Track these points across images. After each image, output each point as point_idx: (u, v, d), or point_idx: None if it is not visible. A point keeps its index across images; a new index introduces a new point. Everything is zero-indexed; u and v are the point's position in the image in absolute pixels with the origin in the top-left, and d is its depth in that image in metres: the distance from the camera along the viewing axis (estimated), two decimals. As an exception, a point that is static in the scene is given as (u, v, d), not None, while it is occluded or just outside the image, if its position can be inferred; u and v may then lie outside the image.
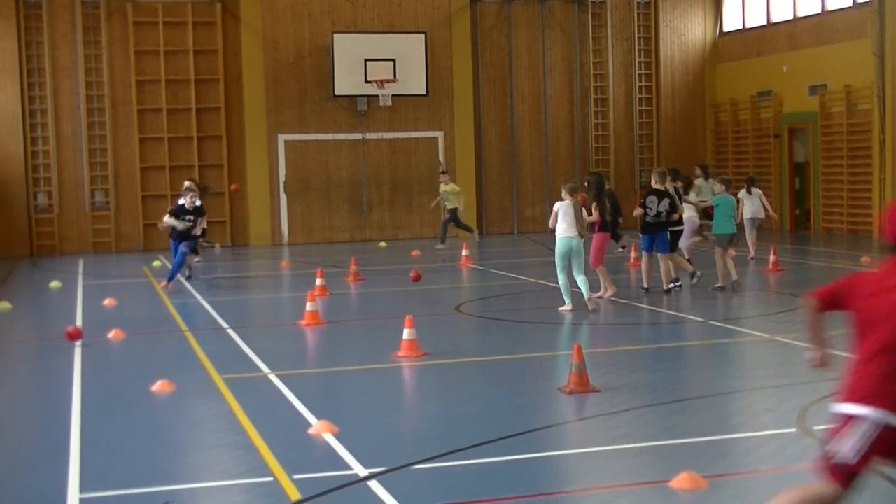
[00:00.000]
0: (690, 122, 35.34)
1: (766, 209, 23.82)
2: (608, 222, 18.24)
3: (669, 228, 18.44)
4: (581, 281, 16.85)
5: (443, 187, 29.54)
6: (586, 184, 18.70)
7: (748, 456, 9.04)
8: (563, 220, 16.53)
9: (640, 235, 18.74)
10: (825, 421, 9.80)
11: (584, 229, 16.64)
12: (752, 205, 23.64)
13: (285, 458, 8.97)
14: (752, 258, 23.21)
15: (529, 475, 8.60)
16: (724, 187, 19.20)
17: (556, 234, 16.70)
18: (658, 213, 18.21)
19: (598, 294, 17.86)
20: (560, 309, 16.82)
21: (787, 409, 10.29)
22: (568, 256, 16.71)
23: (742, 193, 23.45)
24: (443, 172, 30.23)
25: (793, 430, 9.53)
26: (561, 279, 16.94)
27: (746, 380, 12.08)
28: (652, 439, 9.45)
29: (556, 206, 16.69)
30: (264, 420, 10.35)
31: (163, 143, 31.17)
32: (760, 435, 9.52)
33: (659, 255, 18.48)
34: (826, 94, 30.32)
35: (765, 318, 15.95)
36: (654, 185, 18.52)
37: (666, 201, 18.17)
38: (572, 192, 16.70)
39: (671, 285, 18.37)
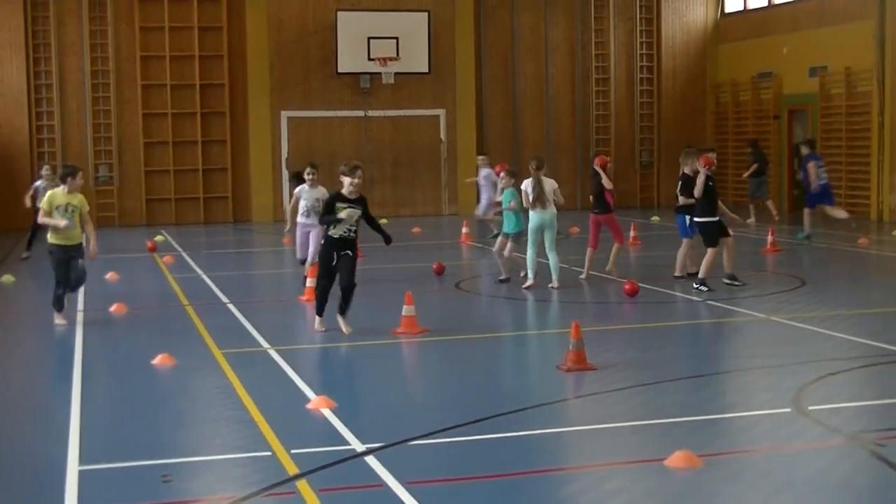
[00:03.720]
0: (691, 102, 35.21)
1: None
2: (597, 203, 18.01)
3: (689, 214, 17.63)
4: (552, 260, 17.02)
5: None
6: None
7: (743, 435, 9.01)
8: (532, 196, 16.89)
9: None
10: (821, 401, 9.82)
11: (548, 203, 16.89)
12: None
13: (284, 432, 8.95)
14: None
15: (526, 452, 8.57)
16: (512, 180, 17.66)
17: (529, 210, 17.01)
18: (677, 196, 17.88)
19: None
20: (523, 286, 16.95)
21: (783, 389, 10.25)
22: (540, 231, 16.94)
23: None
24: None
25: (788, 409, 9.50)
26: (530, 253, 17.06)
27: (743, 359, 12.05)
28: (648, 417, 9.42)
29: (524, 184, 17.05)
30: (263, 394, 10.33)
31: (167, 118, 31.09)
32: (756, 414, 9.49)
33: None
34: (826, 76, 30.19)
35: (761, 298, 15.89)
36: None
37: (679, 184, 17.84)
38: (538, 168, 16.99)
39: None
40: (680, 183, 17.63)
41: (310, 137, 31.80)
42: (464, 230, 24.77)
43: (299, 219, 17.35)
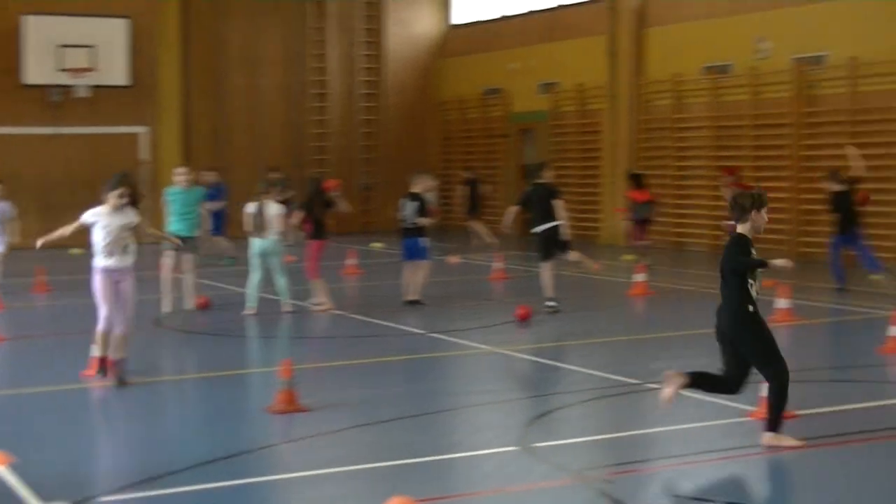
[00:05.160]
0: (417, 120, 35.75)
1: None
2: (323, 229, 18.35)
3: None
4: (280, 285, 17.69)
5: None
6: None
7: (466, 476, 9.13)
8: (253, 221, 17.50)
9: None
10: (547, 437, 10.06)
11: (270, 230, 17.46)
12: None
13: (-52, 494, 8.55)
14: None
15: (232, 503, 8.46)
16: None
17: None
18: (404, 219, 18.39)
19: (316, 303, 18.03)
20: (243, 312, 17.56)
21: (509, 426, 10.45)
22: (262, 257, 17.57)
23: None
24: None
25: (513, 448, 9.68)
26: (252, 280, 17.69)
27: (465, 395, 12.22)
28: (364, 461, 9.43)
29: (247, 206, 17.66)
30: (-74, 451, 9.84)
31: None
32: (480, 454, 9.63)
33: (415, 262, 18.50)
34: (557, 93, 31.18)
35: (488, 330, 16.21)
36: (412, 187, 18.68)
37: (414, 205, 18.27)
38: (266, 192, 17.74)
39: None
40: (416, 204, 18.20)
41: (-9, 156, 30.67)
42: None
43: (101, 261, 12.87)
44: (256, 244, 17.50)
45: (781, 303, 16.28)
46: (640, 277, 19.64)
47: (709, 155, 26.64)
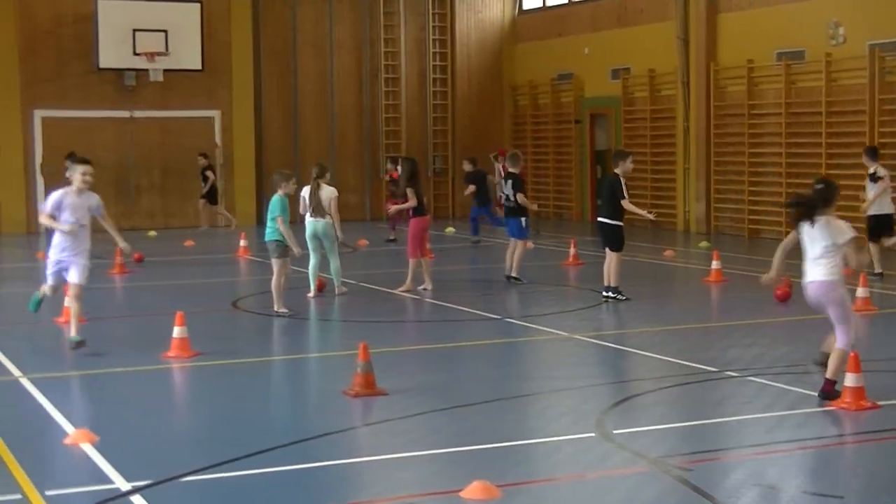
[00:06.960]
0: (488, 104, 35.70)
1: None
2: (426, 207, 18.69)
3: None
4: (333, 267, 17.91)
5: None
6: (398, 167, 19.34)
7: (544, 462, 9.15)
8: (310, 204, 17.75)
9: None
10: (625, 424, 10.05)
11: (323, 212, 17.69)
12: None
13: (37, 471, 8.66)
14: None
15: (311, 486, 8.52)
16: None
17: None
18: (507, 197, 19.27)
19: (404, 288, 18.30)
20: (308, 295, 17.75)
21: (585, 412, 10.45)
22: (316, 239, 17.76)
23: None
24: None
25: (591, 434, 9.68)
26: (311, 263, 17.89)
27: (543, 381, 12.24)
28: (443, 446, 9.48)
29: (303, 191, 17.95)
30: (13, 429, 10.00)
31: None
32: (557, 440, 9.64)
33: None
34: (629, 79, 31.05)
35: (563, 315, 16.20)
36: (510, 168, 19.52)
37: (513, 183, 19.11)
38: (318, 176, 17.97)
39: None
40: (510, 182, 19.03)
41: (67, 139, 30.92)
42: (242, 243, 24.50)
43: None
44: (308, 226, 17.74)
45: (859, 292, 16.12)
46: (715, 265, 19.44)
47: (783, 142, 26.39)
